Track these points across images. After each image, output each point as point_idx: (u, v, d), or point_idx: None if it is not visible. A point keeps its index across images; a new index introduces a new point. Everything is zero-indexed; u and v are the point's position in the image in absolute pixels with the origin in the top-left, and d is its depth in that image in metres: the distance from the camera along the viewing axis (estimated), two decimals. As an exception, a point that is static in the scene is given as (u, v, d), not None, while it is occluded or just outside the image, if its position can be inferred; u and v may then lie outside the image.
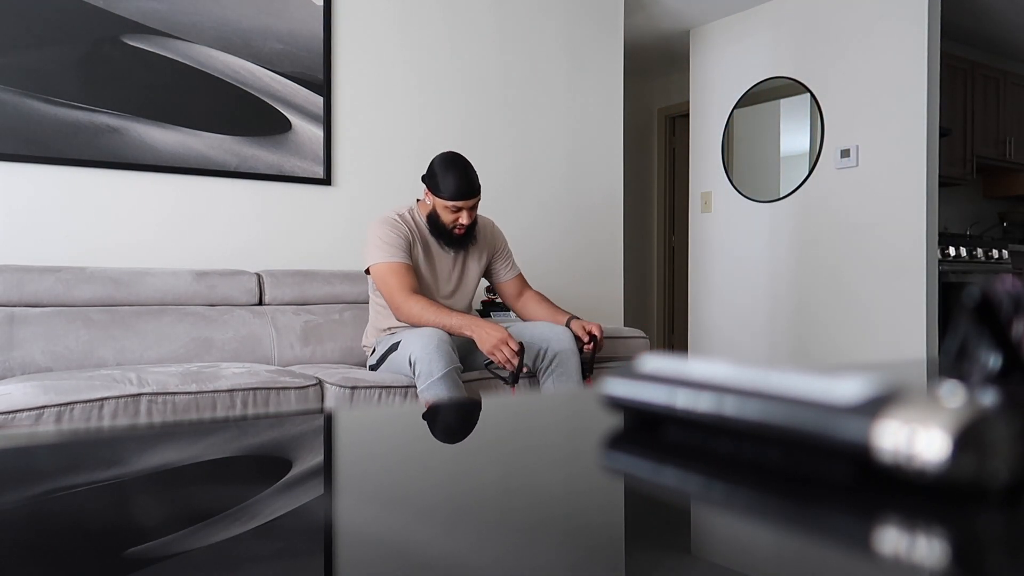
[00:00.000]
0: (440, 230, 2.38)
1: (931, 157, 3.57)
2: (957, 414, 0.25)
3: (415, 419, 0.51)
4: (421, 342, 2.13)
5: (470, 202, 2.34)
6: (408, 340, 2.20)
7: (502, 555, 0.24)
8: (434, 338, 2.13)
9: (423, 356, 2.10)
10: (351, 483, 0.34)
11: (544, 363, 2.29)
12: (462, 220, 2.35)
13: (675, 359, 0.35)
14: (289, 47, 2.93)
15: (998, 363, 0.44)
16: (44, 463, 0.37)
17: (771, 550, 0.25)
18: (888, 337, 3.68)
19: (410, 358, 2.15)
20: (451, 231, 2.38)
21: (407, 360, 2.17)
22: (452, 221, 2.36)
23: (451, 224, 2.36)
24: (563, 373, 2.27)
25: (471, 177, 2.35)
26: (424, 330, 2.18)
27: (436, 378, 2.07)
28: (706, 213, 4.55)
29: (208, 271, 2.61)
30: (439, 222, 2.37)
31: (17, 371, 2.16)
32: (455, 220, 2.35)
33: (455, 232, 2.38)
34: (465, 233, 2.40)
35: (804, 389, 0.29)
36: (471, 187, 2.33)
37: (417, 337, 2.16)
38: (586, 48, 3.75)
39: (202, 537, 0.26)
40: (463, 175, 2.32)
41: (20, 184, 2.50)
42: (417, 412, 0.58)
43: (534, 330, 2.34)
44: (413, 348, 2.15)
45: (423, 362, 2.10)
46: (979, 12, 4.29)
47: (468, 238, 2.44)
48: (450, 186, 2.30)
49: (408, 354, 2.16)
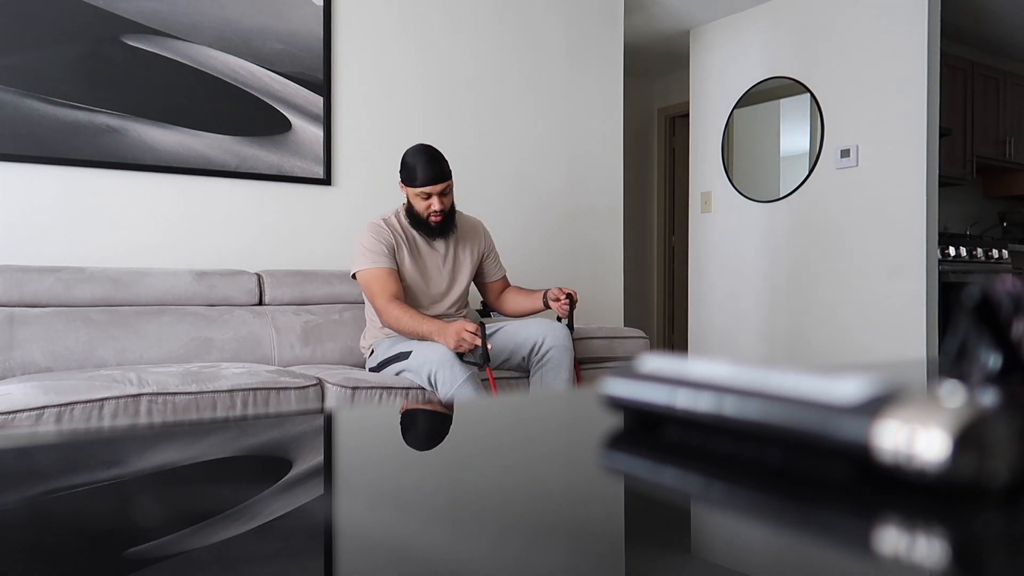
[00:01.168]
0: (418, 221, 2.41)
1: (931, 157, 3.57)
2: (957, 414, 0.25)
3: (415, 419, 0.51)
4: (438, 354, 2.17)
5: (439, 187, 2.35)
6: (422, 351, 2.23)
7: (502, 555, 0.24)
8: (448, 351, 2.19)
9: (444, 367, 2.15)
10: (351, 483, 0.34)
11: (537, 356, 2.32)
12: (434, 206, 2.36)
13: (675, 359, 0.35)
14: (289, 47, 2.93)
15: (998, 363, 0.44)
16: (44, 463, 0.37)
17: (771, 550, 0.25)
18: (888, 337, 3.68)
19: (431, 370, 2.18)
20: (427, 220, 2.40)
21: (426, 372, 2.20)
22: (425, 209, 2.38)
23: (425, 212, 2.39)
24: (555, 367, 2.29)
25: (439, 161, 2.37)
26: (435, 344, 2.23)
27: (462, 381, 2.12)
28: (706, 213, 4.54)
29: (208, 271, 2.61)
30: (414, 213, 2.41)
31: (17, 371, 2.16)
32: (428, 207, 2.37)
33: (431, 220, 2.40)
34: (443, 220, 2.41)
35: (804, 389, 0.29)
36: (440, 172, 2.36)
37: (432, 350, 2.20)
38: (586, 48, 3.75)
39: (202, 537, 0.26)
40: (430, 161, 2.36)
41: (20, 184, 2.50)
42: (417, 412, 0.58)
43: (529, 328, 2.37)
44: (431, 359, 2.19)
45: (445, 371, 2.14)
46: (979, 12, 4.29)
47: (448, 226, 2.46)
48: (418, 173, 2.35)
49: (427, 367, 2.19)
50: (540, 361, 2.31)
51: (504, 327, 2.42)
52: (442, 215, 2.39)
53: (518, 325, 2.41)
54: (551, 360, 2.29)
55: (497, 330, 2.42)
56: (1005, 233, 5.42)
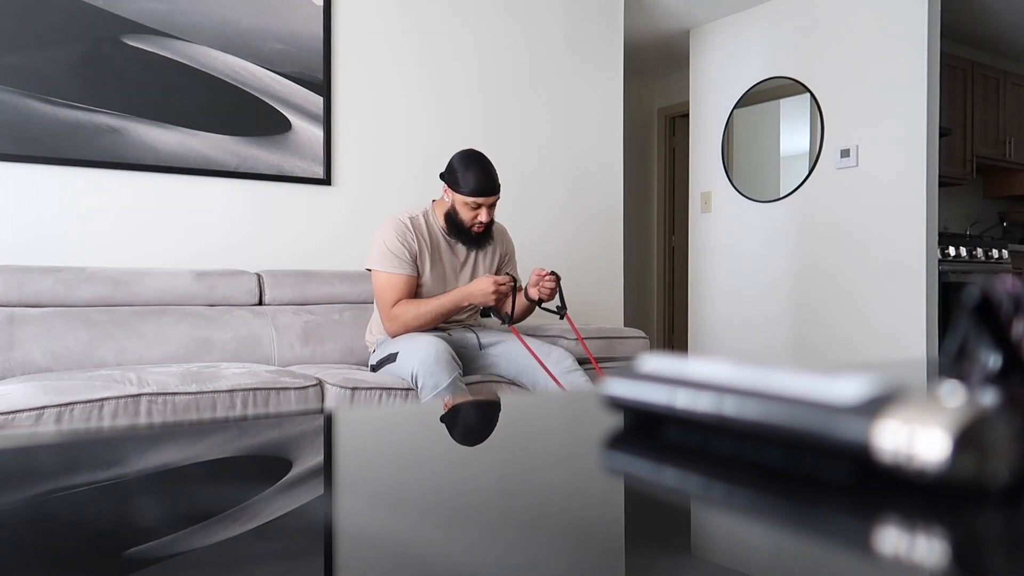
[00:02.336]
0: (459, 228, 2.35)
1: (931, 157, 3.57)
2: (957, 414, 0.25)
3: (415, 420, 0.51)
4: (420, 355, 2.11)
5: (491, 199, 2.31)
6: (406, 353, 2.18)
7: (502, 555, 0.24)
8: (432, 349, 2.11)
9: (424, 369, 2.09)
10: (351, 483, 0.34)
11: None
12: (481, 217, 2.32)
13: (675, 359, 0.35)
14: (289, 47, 2.93)
15: (998, 363, 0.44)
16: (44, 463, 0.37)
17: (771, 550, 0.25)
18: (888, 337, 3.68)
19: (412, 372, 2.13)
20: (470, 229, 2.35)
21: (409, 374, 2.15)
22: (472, 219, 2.32)
23: (471, 222, 2.33)
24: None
25: (492, 174, 2.32)
26: (420, 342, 2.16)
27: (442, 388, 2.07)
28: (706, 213, 4.54)
29: (208, 271, 2.61)
30: (457, 219, 2.34)
31: (17, 371, 2.16)
32: (475, 217, 2.32)
33: (474, 230, 2.35)
34: (483, 231, 2.38)
35: (804, 389, 0.29)
36: (492, 184, 2.31)
37: (414, 351, 2.14)
38: (586, 48, 3.75)
39: (202, 537, 0.26)
40: (484, 172, 2.30)
41: (20, 184, 2.50)
42: (417, 413, 0.58)
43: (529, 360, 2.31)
44: (412, 362, 2.13)
45: (425, 375, 2.09)
46: (979, 12, 4.29)
47: (486, 236, 2.42)
48: (471, 182, 2.27)
49: (409, 368, 2.14)
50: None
51: (505, 342, 2.38)
52: (486, 226, 2.36)
53: (519, 350, 2.33)
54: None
55: (498, 342, 2.39)
56: (1005, 233, 5.42)
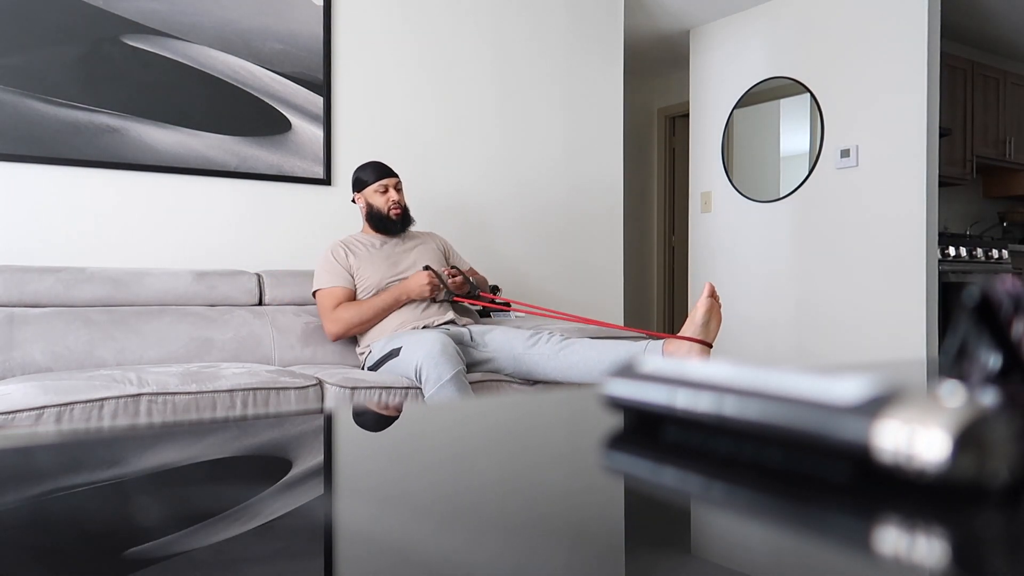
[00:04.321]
0: (380, 219, 2.61)
1: (931, 157, 3.57)
2: (957, 414, 0.25)
3: (415, 419, 0.51)
4: (425, 348, 2.15)
5: (393, 180, 2.63)
6: (410, 347, 2.21)
7: (502, 555, 0.24)
8: (437, 343, 2.15)
9: (428, 361, 2.12)
10: (351, 483, 0.34)
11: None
12: (393, 197, 2.60)
13: (675, 359, 0.35)
14: (289, 47, 2.93)
15: (998, 363, 0.44)
16: (44, 463, 0.37)
17: (771, 550, 0.25)
18: (888, 337, 3.68)
19: (416, 365, 2.16)
20: (389, 213, 2.59)
21: (413, 367, 2.18)
22: (386, 203, 2.60)
23: (386, 205, 2.60)
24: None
25: (385, 164, 2.68)
26: (425, 336, 2.21)
27: (445, 381, 2.09)
28: (706, 213, 4.54)
29: (208, 271, 2.61)
30: (375, 212, 2.61)
31: (17, 371, 2.16)
32: (387, 200, 2.60)
33: (392, 213, 2.59)
34: (403, 214, 2.61)
35: (804, 389, 0.29)
36: (388, 168, 2.66)
37: (419, 344, 2.18)
38: (586, 48, 3.75)
39: (202, 537, 0.26)
40: (378, 163, 2.67)
41: (20, 184, 2.50)
42: (417, 412, 0.58)
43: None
44: (417, 355, 2.17)
45: (429, 367, 2.12)
46: (979, 12, 4.29)
47: (407, 219, 2.64)
48: (370, 173, 2.62)
49: (413, 361, 2.18)
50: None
51: (494, 331, 2.41)
52: (400, 207, 2.60)
53: (512, 338, 2.37)
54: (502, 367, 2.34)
55: (488, 331, 2.42)
56: (1005, 233, 5.42)
